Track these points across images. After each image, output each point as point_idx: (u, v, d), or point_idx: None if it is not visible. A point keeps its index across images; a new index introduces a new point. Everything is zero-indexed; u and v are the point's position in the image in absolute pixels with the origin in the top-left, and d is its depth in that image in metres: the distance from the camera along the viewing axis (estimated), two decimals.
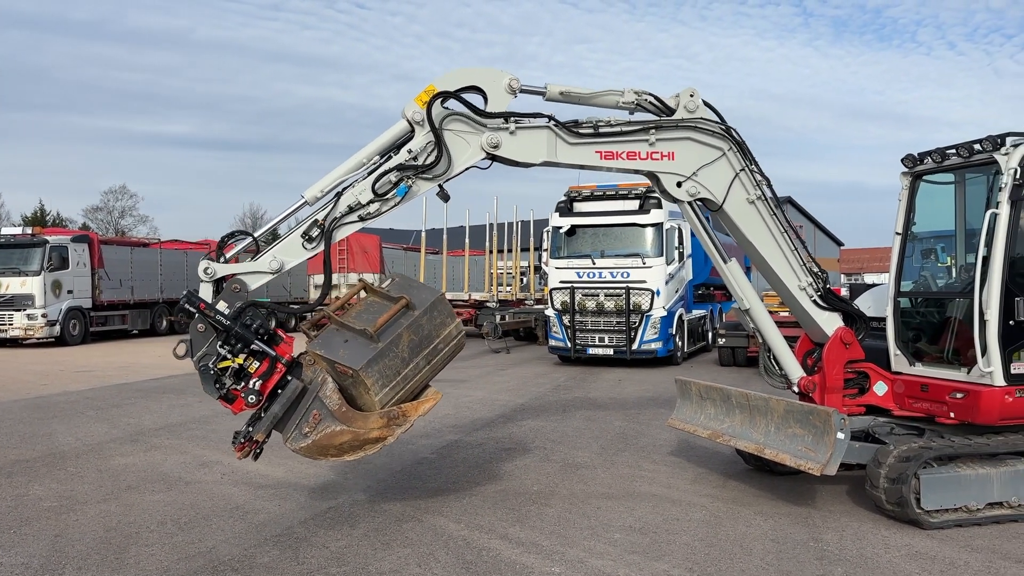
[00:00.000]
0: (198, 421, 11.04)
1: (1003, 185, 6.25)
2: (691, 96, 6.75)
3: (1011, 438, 6.39)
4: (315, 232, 6.11)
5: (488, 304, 25.77)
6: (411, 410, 6.08)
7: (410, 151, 6.16)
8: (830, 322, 7.12)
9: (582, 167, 6.75)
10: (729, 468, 7.99)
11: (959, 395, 6.45)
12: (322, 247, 6.13)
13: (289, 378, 5.81)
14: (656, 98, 6.76)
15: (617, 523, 6.24)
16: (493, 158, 6.43)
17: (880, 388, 7.19)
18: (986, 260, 6.26)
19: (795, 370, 7.19)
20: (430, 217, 30.38)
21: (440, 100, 6.19)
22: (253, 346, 5.69)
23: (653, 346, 17.59)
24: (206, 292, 5.88)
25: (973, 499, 6.15)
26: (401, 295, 6.22)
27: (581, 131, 6.55)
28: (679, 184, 6.81)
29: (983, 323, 6.24)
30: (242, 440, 5.87)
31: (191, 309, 5.67)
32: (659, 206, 17.68)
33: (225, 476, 7.88)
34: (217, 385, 5.69)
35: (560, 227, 18.39)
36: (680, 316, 18.67)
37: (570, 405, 12.40)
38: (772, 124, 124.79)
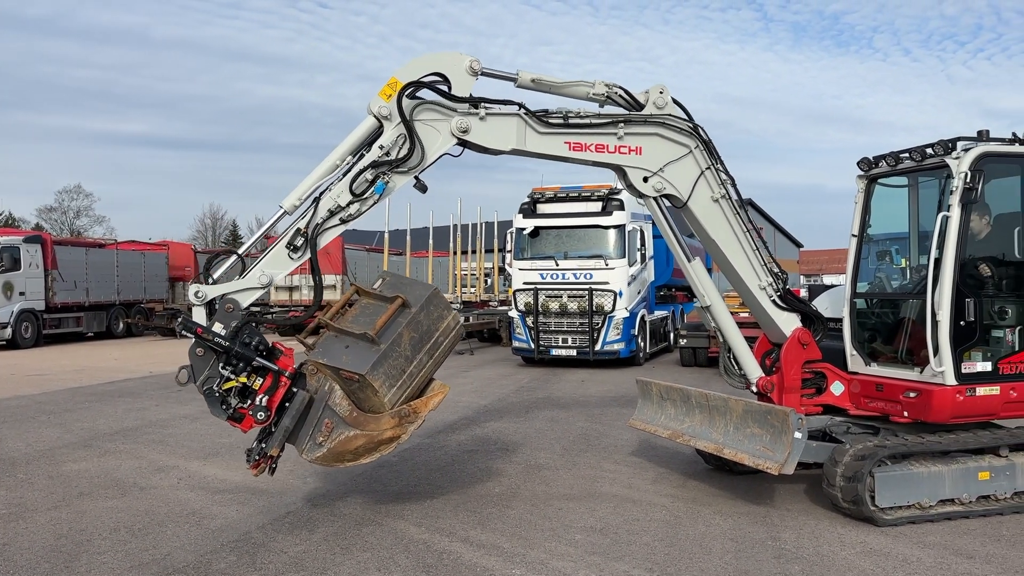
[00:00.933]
0: (154, 425, 10.83)
1: (954, 188, 6.38)
2: (660, 93, 6.82)
3: (962, 436, 6.53)
4: (299, 241, 6.05)
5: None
6: (421, 406, 6.12)
7: (382, 147, 6.12)
8: (788, 323, 7.21)
9: (551, 157, 6.74)
10: (689, 468, 8.06)
11: (912, 394, 6.57)
12: (308, 255, 6.11)
13: (295, 390, 5.79)
14: (626, 92, 6.80)
15: (578, 524, 6.25)
16: (464, 144, 6.42)
17: (837, 388, 7.29)
18: (938, 262, 6.38)
19: (754, 370, 7.27)
20: (393, 218, 30.21)
21: (408, 91, 6.15)
22: (255, 363, 5.66)
23: (616, 347, 17.68)
24: (200, 315, 5.80)
25: (926, 496, 6.27)
26: (396, 294, 6.20)
27: (551, 121, 6.55)
28: (645, 179, 6.85)
29: (935, 324, 6.36)
30: (256, 457, 5.85)
31: (188, 335, 5.63)
32: (621, 208, 17.80)
33: (181, 481, 7.73)
34: (224, 406, 5.67)
35: (524, 228, 18.41)
36: (642, 317, 18.80)
37: (533, 406, 12.41)
38: (734, 127, 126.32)
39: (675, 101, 6.89)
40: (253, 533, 6.09)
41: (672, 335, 21.72)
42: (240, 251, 6.18)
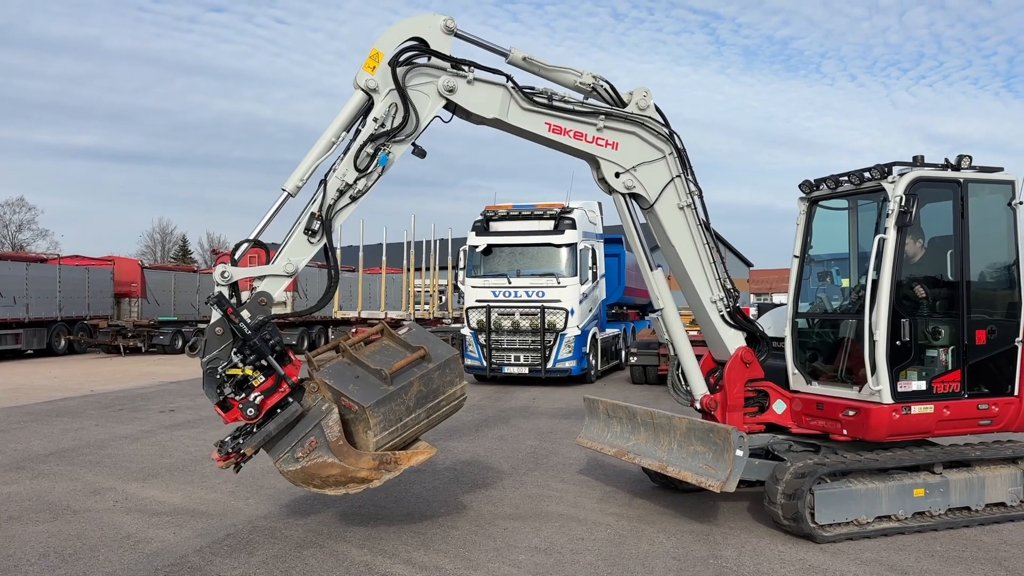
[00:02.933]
0: (92, 446, 10.52)
1: (890, 212, 6.55)
2: (644, 95, 6.98)
3: (898, 454, 6.67)
4: (316, 225, 6.09)
5: (404, 323, 25.51)
6: (404, 459, 6.07)
7: (376, 119, 6.15)
8: (733, 340, 7.29)
9: (529, 135, 6.76)
10: (635, 486, 8.09)
11: (851, 412, 6.70)
12: (324, 240, 6.14)
13: (290, 400, 5.79)
14: (611, 88, 6.93)
15: (523, 544, 6.22)
16: (451, 109, 6.49)
17: (779, 406, 7.40)
18: (875, 283, 6.54)
19: (699, 387, 7.32)
20: (347, 234, 29.98)
21: (402, 58, 6.18)
22: (265, 360, 5.69)
23: (567, 364, 17.74)
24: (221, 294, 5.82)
25: (863, 513, 6.38)
26: (420, 345, 6.33)
27: (536, 99, 6.63)
28: (617, 175, 6.95)
29: (872, 343, 6.50)
30: (229, 451, 5.83)
31: (219, 310, 5.67)
32: (574, 227, 17.93)
33: (117, 504, 7.51)
34: (218, 390, 5.65)
35: (476, 246, 18.42)
36: (594, 335, 18.89)
37: (483, 424, 12.36)
38: (687, 148, 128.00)
39: (656, 107, 7.04)
40: (190, 556, 5.94)
41: (623, 353, 21.87)
42: (252, 235, 6.11)
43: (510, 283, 18.01)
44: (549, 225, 18.03)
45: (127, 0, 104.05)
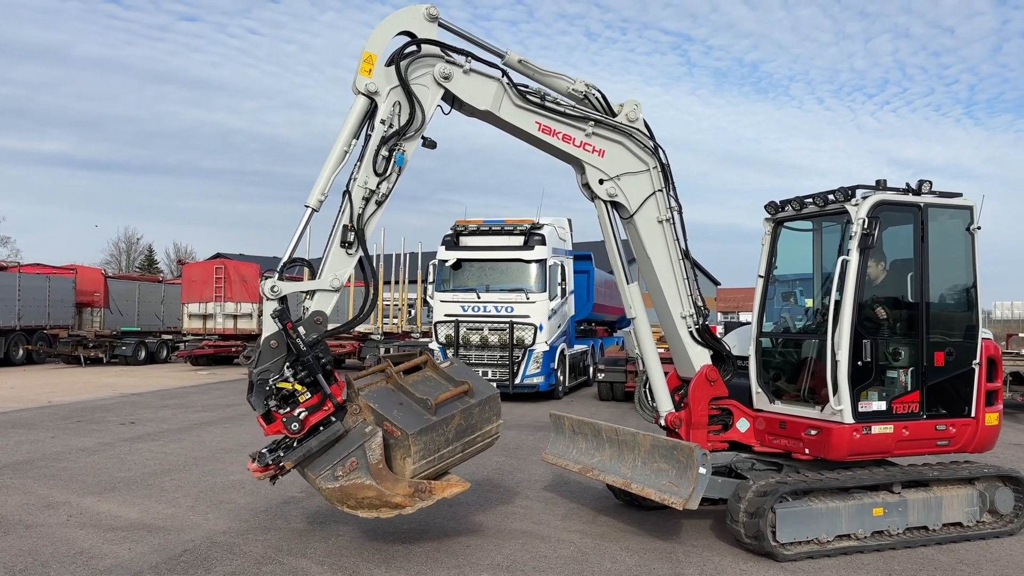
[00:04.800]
0: (47, 458, 10.28)
1: (853, 234, 6.65)
2: (635, 107, 7.10)
3: (858, 473, 6.74)
4: (351, 237, 6.15)
5: (372, 336, 25.38)
6: (439, 489, 6.11)
7: (383, 121, 6.20)
8: (699, 357, 7.32)
9: (519, 132, 6.82)
10: (600, 503, 8.08)
11: (813, 432, 6.77)
12: (361, 250, 6.21)
13: (333, 419, 5.89)
14: (603, 97, 7.02)
15: (485, 562, 6.17)
16: (451, 101, 6.56)
17: (743, 425, 7.45)
18: (838, 304, 6.63)
19: (665, 403, 7.34)
20: (314, 246, 29.73)
21: (400, 56, 6.22)
22: (316, 377, 5.81)
23: (535, 380, 17.73)
24: (270, 308, 5.88)
25: (824, 531, 6.43)
26: (465, 380, 6.50)
27: (529, 97, 6.71)
28: (601, 181, 7.03)
29: (835, 363, 6.58)
30: (268, 462, 5.93)
31: (278, 324, 5.79)
32: (543, 243, 17.98)
33: (72, 518, 7.34)
34: (265, 401, 5.75)
35: (446, 260, 18.39)
36: (562, 351, 18.91)
37: None
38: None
39: (645, 122, 7.15)
40: (145, 573, 5.81)
41: (591, 369, 21.92)
42: (285, 256, 6.11)
43: (479, 298, 17.99)
44: (519, 240, 18.07)
45: (97, 7, 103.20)
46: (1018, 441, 12.76)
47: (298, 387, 5.76)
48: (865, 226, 6.59)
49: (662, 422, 7.34)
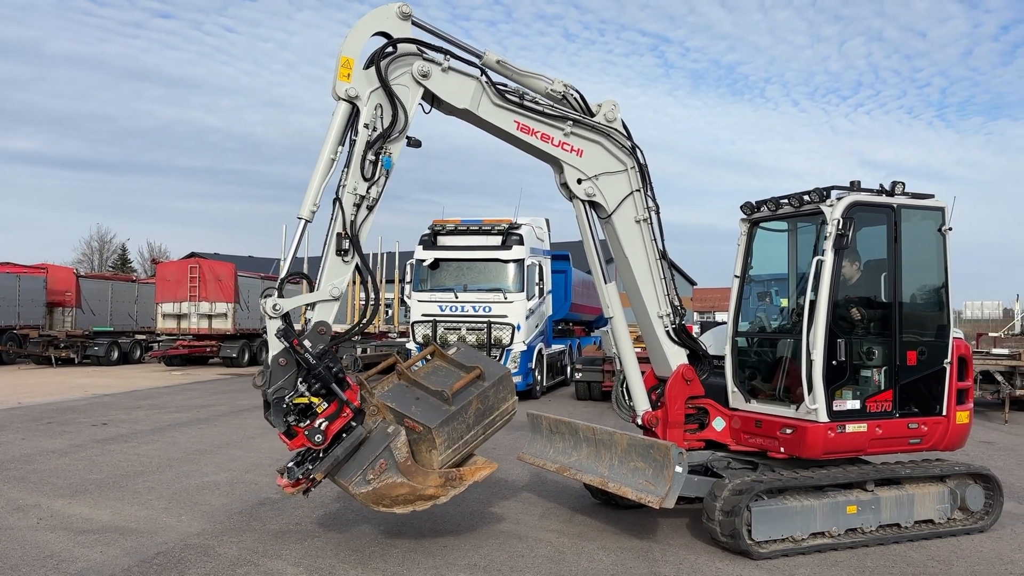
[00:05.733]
0: (17, 460, 10.12)
1: (828, 234, 6.71)
2: (613, 107, 7.11)
3: (832, 471, 6.80)
4: (346, 244, 6.14)
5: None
6: (468, 474, 6.25)
7: (367, 125, 6.17)
8: (676, 357, 7.35)
9: (498, 132, 6.81)
10: (577, 502, 8.09)
11: (788, 431, 6.82)
12: (358, 257, 6.20)
13: (354, 424, 5.92)
14: (581, 97, 7.04)
15: (462, 562, 6.16)
16: (431, 100, 6.54)
17: (719, 424, 7.49)
18: (813, 304, 6.68)
19: (642, 402, 7.36)
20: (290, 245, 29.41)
21: (380, 57, 6.19)
22: (331, 387, 5.82)
23: (513, 380, 17.69)
24: (275, 327, 5.85)
25: (798, 529, 6.49)
26: (476, 365, 6.58)
27: (508, 96, 6.71)
28: (579, 181, 7.04)
29: (810, 362, 6.63)
30: (299, 476, 5.90)
31: (284, 342, 5.76)
32: (521, 242, 17.97)
33: (42, 521, 7.22)
34: (285, 419, 5.76)
35: (423, 260, 18.33)
36: (540, 351, 18.93)
37: None
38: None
39: (623, 122, 7.16)
40: None
41: (568, 369, 21.96)
42: (282, 272, 6.28)
43: (457, 298, 17.95)
44: (497, 240, 18.05)
45: (71, 3, 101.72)
46: (988, 439, 12.96)
47: (314, 399, 5.77)
48: (840, 227, 6.65)
49: (639, 421, 7.37)
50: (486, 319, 17.69)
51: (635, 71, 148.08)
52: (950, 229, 7.28)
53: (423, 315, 18.17)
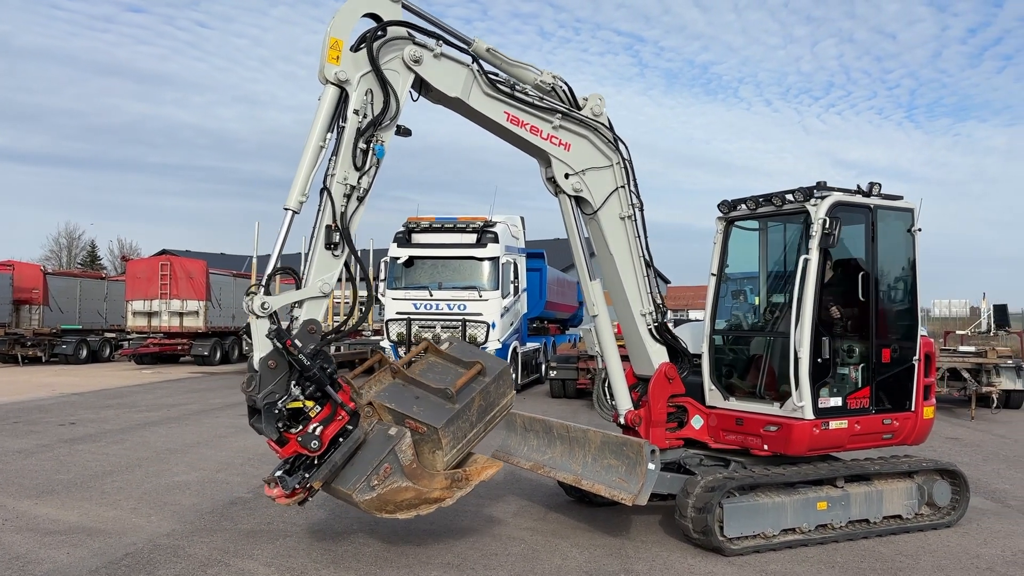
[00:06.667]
0: None
1: (813, 233, 6.75)
2: (599, 101, 7.05)
3: (804, 468, 6.87)
4: (336, 238, 5.84)
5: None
6: (474, 474, 6.02)
7: (356, 111, 5.89)
8: (658, 355, 7.31)
9: (488, 123, 6.66)
10: (551, 500, 8.10)
11: (772, 428, 6.84)
12: (348, 250, 5.90)
13: (350, 427, 5.63)
14: (570, 90, 6.95)
15: (435, 560, 6.14)
16: (419, 88, 6.31)
17: (697, 422, 7.46)
18: (799, 302, 6.72)
19: (624, 401, 7.29)
20: (263, 242, 29.18)
21: (372, 39, 5.93)
22: (325, 390, 5.53)
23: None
24: (263, 327, 5.49)
25: (770, 526, 6.54)
26: (476, 360, 6.31)
27: (499, 86, 6.57)
28: (567, 176, 6.95)
29: (797, 360, 6.67)
30: (295, 486, 5.56)
31: (278, 344, 5.42)
32: (496, 240, 17.97)
33: (7, 522, 7.09)
34: (279, 425, 5.43)
35: (398, 258, 18.27)
36: (515, 349, 18.94)
37: None
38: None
39: (607, 117, 7.10)
40: None
41: (543, 367, 21.99)
42: (268, 267, 5.78)
43: (431, 296, 17.92)
44: (472, 238, 18.04)
45: None
46: (955, 435, 13.17)
47: (308, 403, 5.48)
48: (827, 226, 6.69)
49: (621, 420, 7.32)
50: (461, 317, 17.67)
51: (610, 70, 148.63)
52: (919, 230, 7.38)
53: (397, 313, 18.11)
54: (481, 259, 17.92)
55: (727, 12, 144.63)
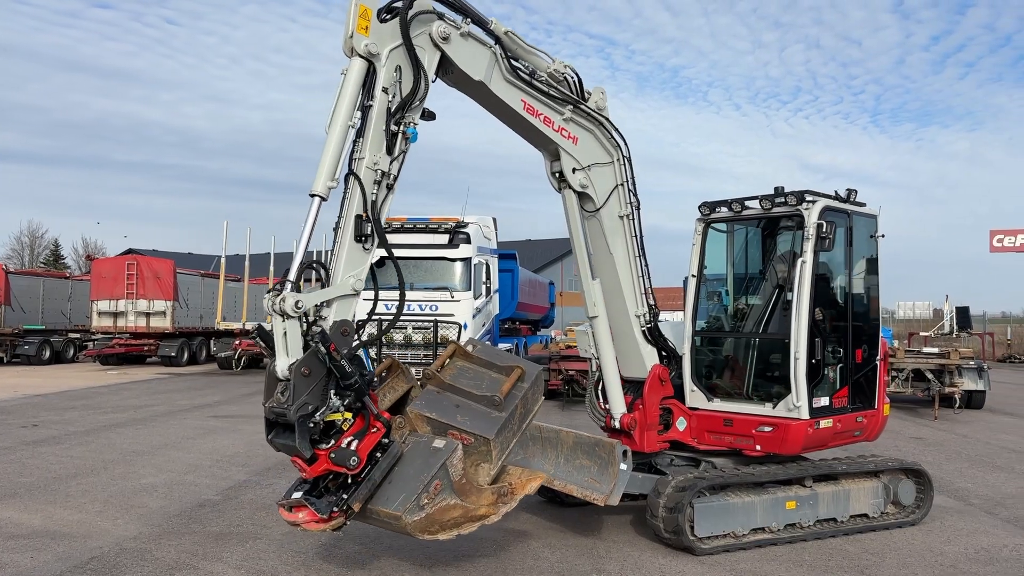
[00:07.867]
0: None
1: (808, 236, 6.80)
2: (602, 95, 6.94)
3: (773, 468, 6.95)
4: (368, 229, 5.34)
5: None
6: (519, 487, 5.51)
7: (385, 90, 5.39)
8: (650, 357, 7.28)
9: (503, 110, 6.38)
10: (523, 500, 8.00)
11: (766, 428, 6.89)
12: (379, 242, 5.40)
13: (387, 440, 5.08)
14: (579, 80, 6.76)
15: (407, 561, 6.12)
16: (443, 65, 5.84)
17: (681, 424, 7.41)
18: (796, 304, 6.77)
19: (619, 405, 7.24)
20: (232, 242, 28.91)
21: (406, 9, 5.45)
22: (363, 401, 4.97)
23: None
24: (295, 330, 4.87)
25: (739, 525, 6.60)
26: (515, 364, 5.85)
27: (519, 72, 6.31)
28: (574, 170, 6.82)
29: (795, 361, 6.73)
30: (334, 509, 4.92)
31: (322, 349, 4.77)
32: (468, 241, 17.93)
33: None
34: (313, 439, 4.80)
35: None
36: None
37: None
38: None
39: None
40: None
41: None
42: (294, 261, 5.15)
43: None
44: (444, 239, 17.98)
45: None
46: (919, 435, 13.40)
47: (347, 415, 4.89)
48: (823, 229, 6.75)
49: (615, 423, 7.23)
50: (432, 318, 17.59)
51: (582, 73, 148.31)
52: (882, 236, 7.53)
53: (367, 314, 17.97)
54: (453, 260, 17.86)
55: (697, 16, 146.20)
